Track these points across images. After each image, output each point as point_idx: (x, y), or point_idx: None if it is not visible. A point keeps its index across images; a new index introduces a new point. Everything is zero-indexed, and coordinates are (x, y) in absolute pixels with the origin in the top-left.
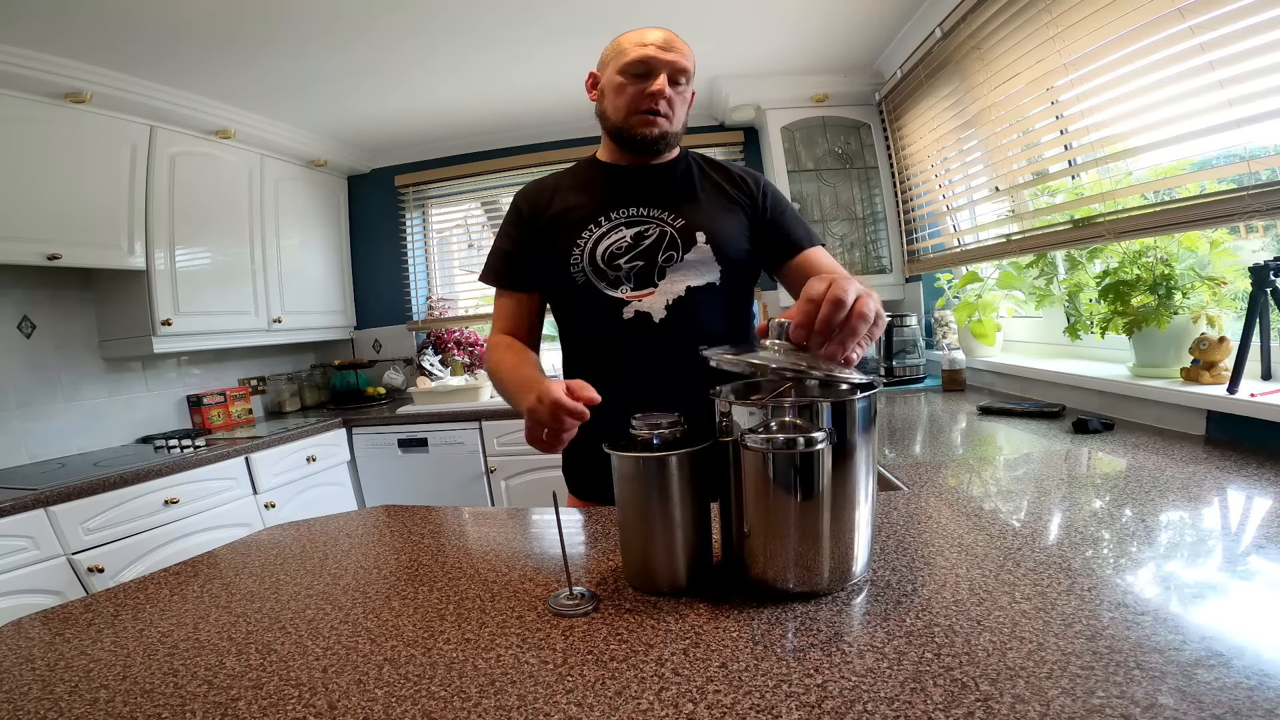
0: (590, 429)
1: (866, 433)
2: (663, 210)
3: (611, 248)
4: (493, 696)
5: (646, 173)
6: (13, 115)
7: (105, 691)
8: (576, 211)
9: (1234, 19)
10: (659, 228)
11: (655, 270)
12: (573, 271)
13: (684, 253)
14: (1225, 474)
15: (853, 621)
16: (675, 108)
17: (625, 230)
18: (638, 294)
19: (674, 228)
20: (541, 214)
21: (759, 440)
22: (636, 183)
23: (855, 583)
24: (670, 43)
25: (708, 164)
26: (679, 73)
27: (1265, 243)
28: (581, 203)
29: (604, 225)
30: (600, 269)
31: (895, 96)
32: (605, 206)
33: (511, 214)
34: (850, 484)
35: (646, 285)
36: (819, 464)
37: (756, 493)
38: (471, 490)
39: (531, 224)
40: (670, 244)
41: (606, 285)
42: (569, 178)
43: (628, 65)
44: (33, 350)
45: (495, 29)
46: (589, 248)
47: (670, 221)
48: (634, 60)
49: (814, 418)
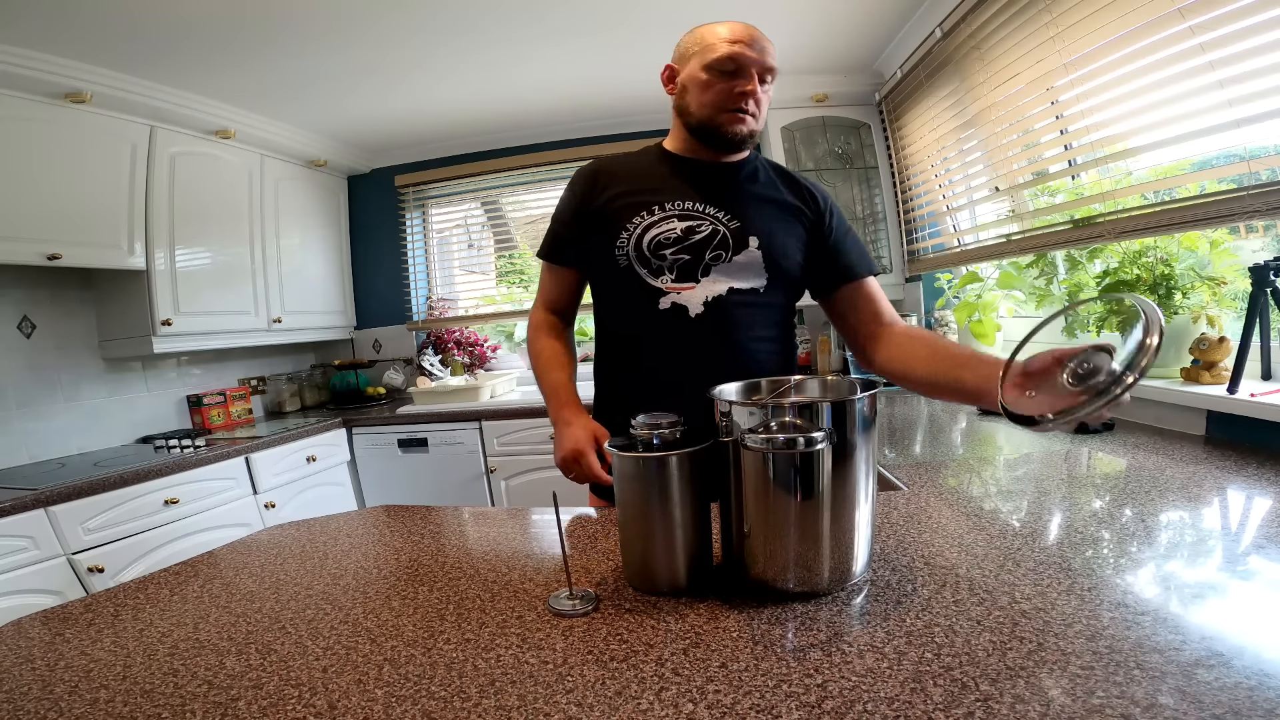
0: (613, 421)
1: (866, 433)
2: (720, 209)
3: (659, 237)
4: (493, 696)
5: (712, 169)
6: (13, 115)
7: (105, 691)
8: (632, 196)
9: (1234, 19)
10: (712, 225)
11: (700, 266)
12: (617, 255)
13: (733, 254)
14: (1225, 474)
15: (853, 621)
16: (762, 108)
17: (677, 222)
18: (677, 286)
19: (728, 228)
20: (598, 194)
21: (759, 440)
22: (700, 177)
23: (855, 583)
24: (758, 40)
25: (776, 171)
26: (767, 71)
27: (1265, 243)
28: (639, 189)
29: (656, 214)
30: (645, 256)
31: (895, 96)
32: (662, 196)
33: (570, 189)
34: (850, 484)
35: (688, 279)
36: (819, 464)
37: (756, 493)
38: (471, 490)
39: (586, 202)
40: (721, 243)
41: (649, 273)
42: (633, 161)
43: (716, 61)
44: (33, 350)
45: (495, 29)
46: (637, 234)
47: (725, 221)
48: (724, 57)
49: (814, 418)
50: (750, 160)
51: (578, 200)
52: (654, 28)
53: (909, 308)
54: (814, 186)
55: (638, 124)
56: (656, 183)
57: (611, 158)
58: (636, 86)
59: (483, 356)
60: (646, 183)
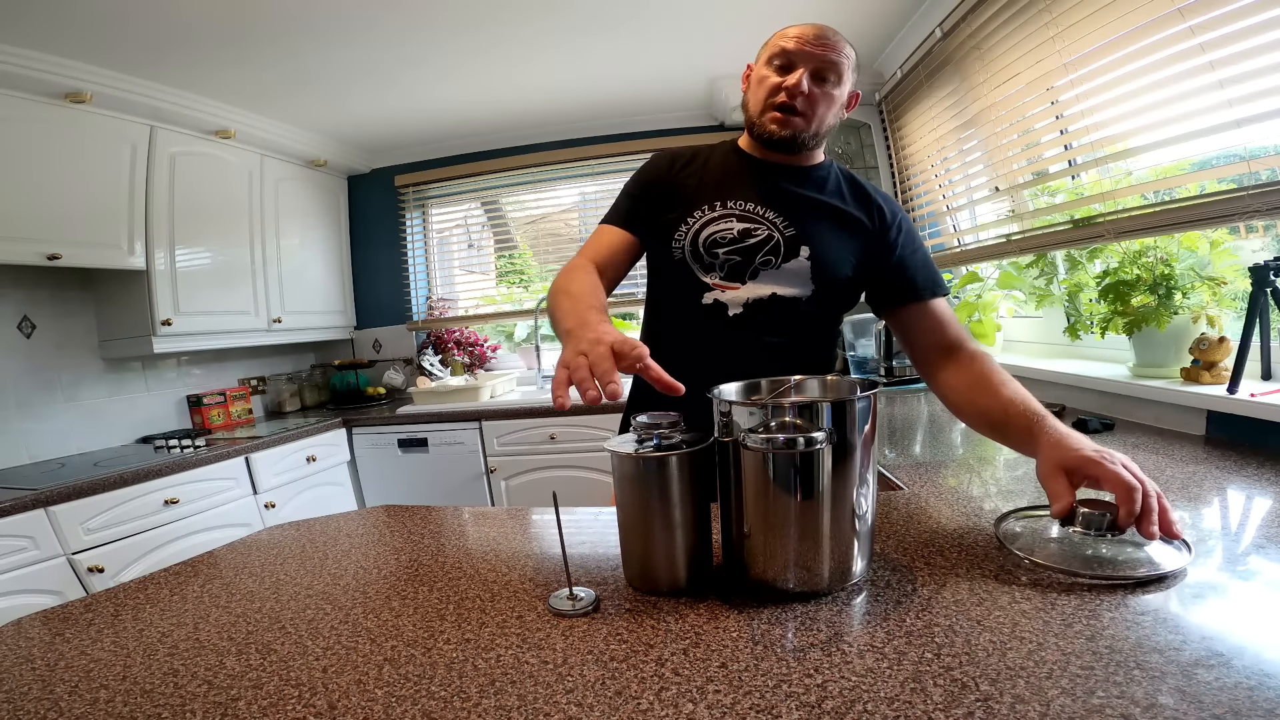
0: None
1: (866, 433)
2: (778, 214)
3: (715, 235)
4: (493, 696)
5: (779, 171)
6: (13, 115)
7: (105, 691)
8: (698, 190)
9: (1234, 19)
10: (768, 230)
11: (749, 269)
12: (674, 246)
13: (782, 261)
14: (1225, 474)
15: (853, 621)
16: (817, 106)
17: (735, 223)
18: (723, 284)
19: (783, 234)
20: (669, 179)
21: (759, 440)
22: (764, 179)
23: (855, 583)
24: (822, 36)
25: (848, 180)
26: (826, 67)
27: (1265, 243)
28: (705, 184)
29: (717, 210)
30: (698, 252)
31: (895, 96)
32: (725, 193)
33: (643, 170)
34: (850, 484)
35: (736, 280)
36: (819, 464)
37: (756, 493)
38: (471, 490)
39: (661, 181)
40: (773, 249)
41: (700, 268)
42: (705, 154)
43: (771, 56)
44: (33, 350)
45: (495, 29)
46: (695, 228)
47: (781, 227)
48: (777, 51)
49: (814, 418)
50: (824, 166)
51: (655, 177)
52: (655, 28)
53: None
54: (885, 201)
55: (638, 124)
56: (724, 179)
57: (691, 148)
58: (637, 87)
59: (483, 356)
60: (714, 177)
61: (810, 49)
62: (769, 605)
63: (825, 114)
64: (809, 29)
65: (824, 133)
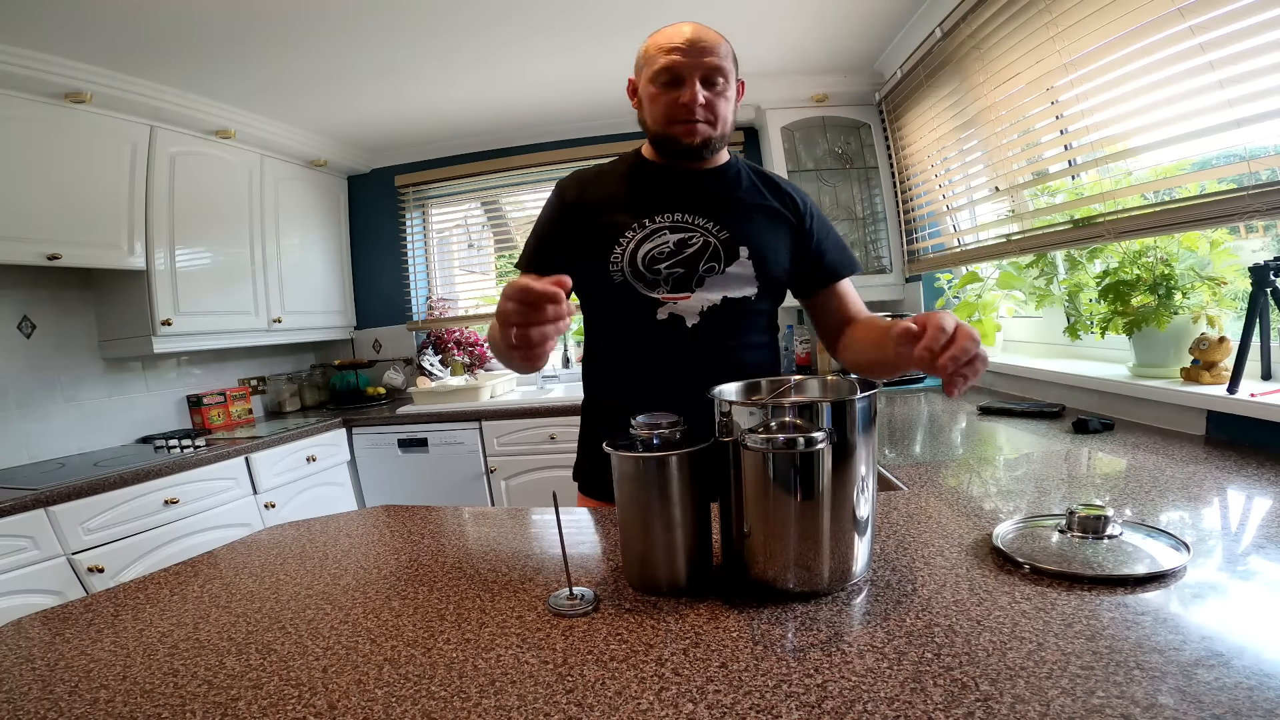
0: (608, 427)
1: (866, 433)
2: (708, 219)
3: (653, 252)
4: (493, 696)
5: (695, 177)
6: (13, 115)
7: (105, 691)
8: (620, 211)
9: (1234, 19)
10: (703, 237)
11: (695, 278)
12: (611, 270)
13: (726, 265)
14: (1225, 474)
15: (853, 621)
16: (717, 109)
17: (669, 235)
18: (673, 296)
19: (718, 239)
20: (583, 207)
21: (759, 440)
22: (684, 187)
23: (855, 583)
24: (697, 42)
25: (757, 175)
26: (713, 73)
27: (1265, 243)
28: (626, 202)
29: (648, 227)
30: (640, 272)
31: (895, 96)
32: (650, 209)
33: (552, 202)
34: (850, 484)
35: (683, 290)
36: (819, 464)
37: (756, 493)
38: (471, 490)
39: (572, 215)
40: (713, 255)
41: (644, 287)
42: (614, 173)
43: (655, 74)
44: (33, 350)
45: (496, 29)
46: (630, 249)
47: (715, 232)
48: (660, 69)
49: (814, 418)
50: (732, 165)
51: (564, 210)
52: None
53: (909, 308)
54: (794, 189)
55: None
56: (643, 194)
57: (594, 169)
58: None
59: (483, 356)
60: (633, 193)
61: (693, 60)
62: (769, 605)
63: (725, 114)
64: (684, 35)
65: (729, 132)
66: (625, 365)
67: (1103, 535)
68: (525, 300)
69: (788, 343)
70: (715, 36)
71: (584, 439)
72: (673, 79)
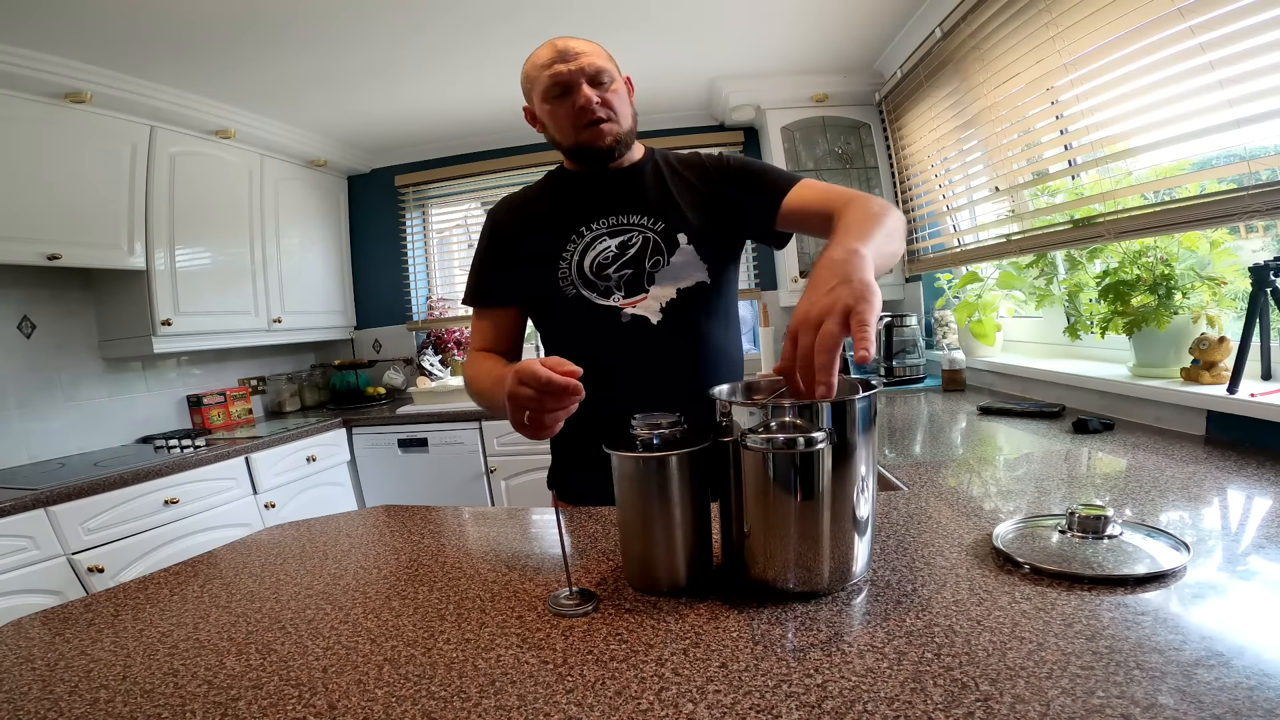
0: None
1: (867, 433)
2: (641, 215)
3: (599, 258)
4: (493, 696)
5: (618, 178)
6: (13, 115)
7: (105, 691)
8: (557, 224)
9: (1234, 19)
10: (641, 234)
11: (644, 277)
12: (562, 285)
13: (669, 256)
14: (1225, 474)
15: (853, 621)
16: (615, 106)
17: (609, 240)
18: (630, 300)
19: (655, 232)
20: (520, 229)
21: (759, 440)
22: (611, 189)
23: (855, 583)
24: (569, 50)
25: (678, 161)
26: (597, 73)
27: (1265, 243)
28: (560, 215)
29: (586, 236)
30: (590, 280)
31: (895, 96)
32: (585, 217)
33: (486, 231)
34: (850, 484)
35: (638, 292)
36: (819, 464)
37: (756, 493)
38: (471, 490)
39: (510, 239)
40: (655, 249)
41: (598, 295)
42: (541, 190)
43: (545, 91)
44: (33, 350)
45: (496, 29)
46: (575, 260)
47: (651, 226)
48: (548, 86)
49: (814, 418)
50: (648, 159)
51: (502, 234)
52: (655, 28)
53: (909, 307)
54: (705, 157)
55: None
56: (574, 204)
57: (520, 192)
58: (637, 87)
59: None
60: (565, 206)
61: (573, 65)
62: (769, 605)
63: (623, 108)
64: (556, 51)
65: (634, 126)
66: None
67: (1103, 535)
68: (547, 392)
69: None
70: (584, 42)
71: (559, 447)
72: (562, 90)
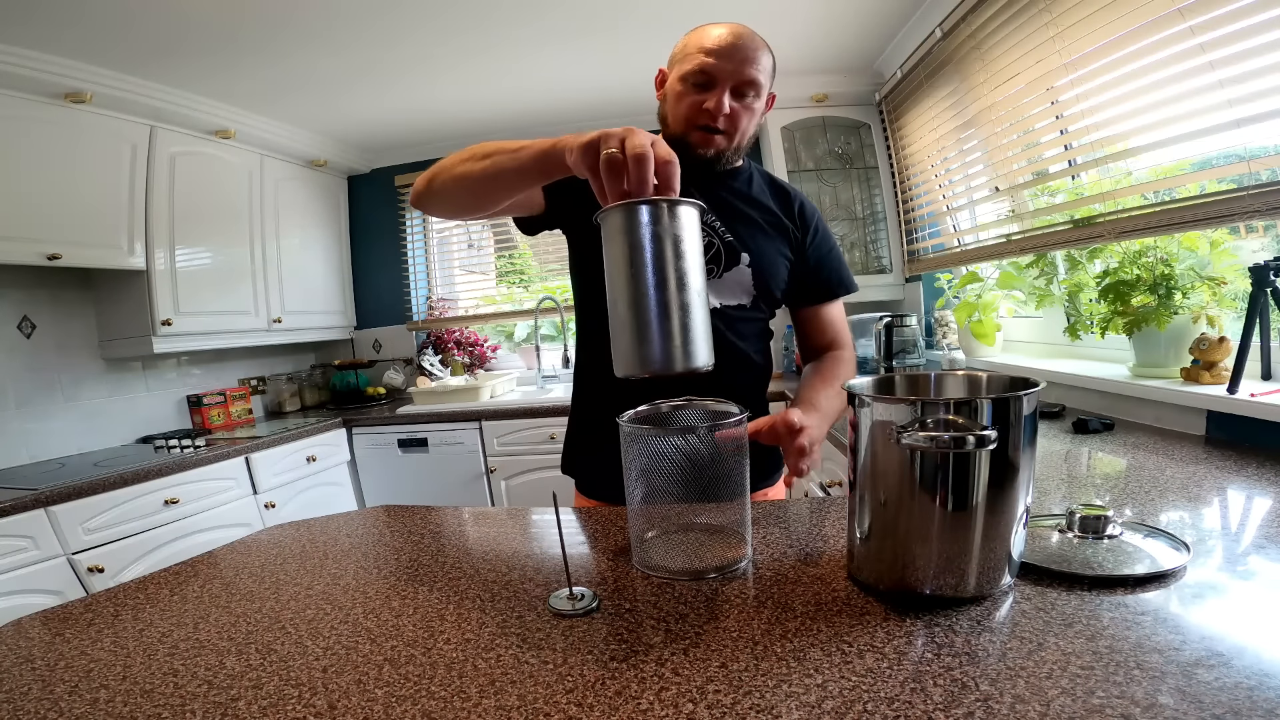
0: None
1: (1033, 435)
2: (717, 220)
3: None
4: (493, 696)
5: (711, 177)
6: (13, 115)
7: (105, 691)
8: None
9: (1234, 19)
10: (708, 237)
11: None
12: None
13: (724, 269)
14: (1225, 474)
15: (853, 621)
16: (739, 122)
17: None
18: None
19: (723, 241)
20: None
21: (919, 438)
22: (701, 184)
23: (1003, 588)
24: (737, 49)
25: (768, 181)
26: (745, 85)
27: (1265, 243)
28: None
29: None
30: None
31: (895, 96)
32: None
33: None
34: (1016, 488)
35: None
36: (976, 466)
37: (902, 494)
38: (471, 490)
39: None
40: (714, 257)
41: None
42: None
43: (689, 73)
44: (33, 350)
45: (495, 29)
46: None
47: (721, 234)
48: (694, 69)
49: (974, 415)
50: (746, 170)
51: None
52: (654, 28)
53: (909, 307)
54: (805, 203)
55: (637, 124)
56: None
57: None
58: (637, 87)
59: (483, 356)
60: None
61: (730, 66)
62: (770, 605)
63: (747, 127)
64: (726, 39)
65: (746, 145)
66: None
67: (1103, 535)
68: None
69: (787, 343)
70: (758, 45)
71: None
72: (704, 81)
